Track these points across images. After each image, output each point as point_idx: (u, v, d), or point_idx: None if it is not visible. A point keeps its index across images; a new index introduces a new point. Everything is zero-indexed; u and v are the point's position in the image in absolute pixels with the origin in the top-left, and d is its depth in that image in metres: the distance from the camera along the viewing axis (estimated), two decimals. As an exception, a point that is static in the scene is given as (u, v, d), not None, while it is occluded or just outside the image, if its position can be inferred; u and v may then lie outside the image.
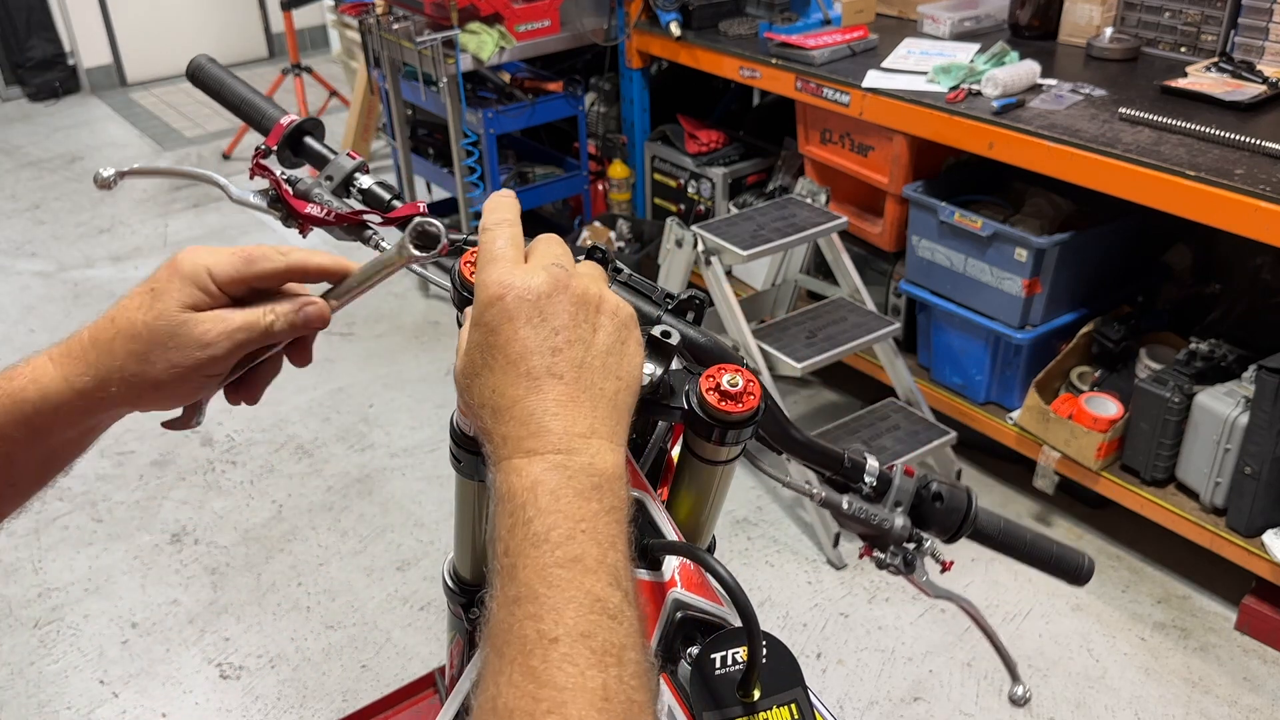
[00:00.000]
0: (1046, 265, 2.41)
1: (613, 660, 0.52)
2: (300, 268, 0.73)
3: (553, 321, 0.61)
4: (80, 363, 0.68)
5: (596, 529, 0.56)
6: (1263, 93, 2.22)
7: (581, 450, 0.58)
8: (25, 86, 6.20)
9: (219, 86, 0.92)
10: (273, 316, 0.70)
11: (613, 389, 0.62)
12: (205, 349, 0.68)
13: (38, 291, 3.97)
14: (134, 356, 0.67)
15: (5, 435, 0.67)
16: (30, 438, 0.68)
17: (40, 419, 0.68)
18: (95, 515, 2.79)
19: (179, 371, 0.67)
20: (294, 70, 4.87)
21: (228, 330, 0.68)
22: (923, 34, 2.87)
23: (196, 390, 0.71)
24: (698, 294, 0.78)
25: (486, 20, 3.15)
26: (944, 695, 2.20)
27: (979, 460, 2.86)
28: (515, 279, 0.61)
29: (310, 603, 2.48)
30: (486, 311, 0.61)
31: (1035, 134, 2.22)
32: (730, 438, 0.73)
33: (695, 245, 2.56)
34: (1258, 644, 2.28)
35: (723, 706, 0.73)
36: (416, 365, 3.42)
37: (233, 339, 0.69)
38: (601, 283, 0.66)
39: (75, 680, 2.30)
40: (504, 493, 0.58)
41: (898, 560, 0.82)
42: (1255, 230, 1.92)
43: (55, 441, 0.70)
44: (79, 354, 0.68)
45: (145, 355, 0.67)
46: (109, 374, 0.67)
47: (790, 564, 2.55)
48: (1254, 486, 2.17)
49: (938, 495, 0.83)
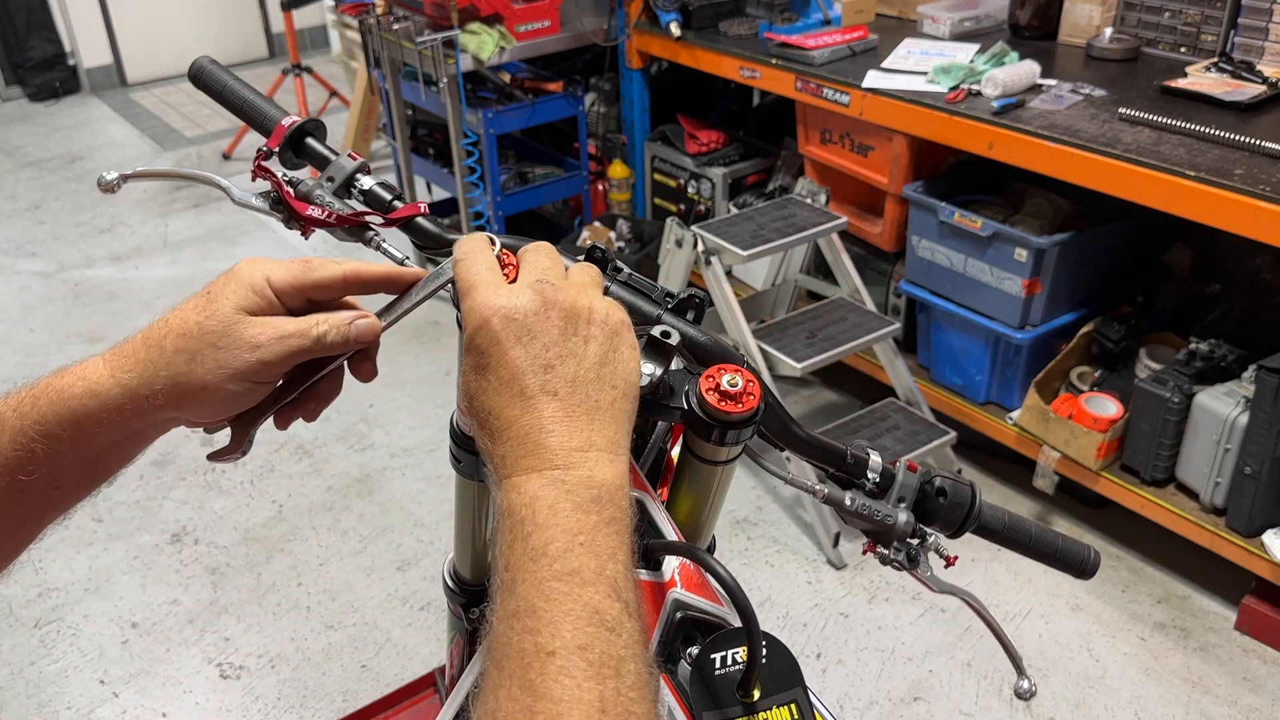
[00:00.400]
0: (1046, 265, 2.41)
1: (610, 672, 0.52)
2: (356, 276, 0.71)
3: (542, 339, 0.61)
4: (130, 360, 0.67)
5: (595, 541, 0.57)
6: (1263, 93, 2.22)
7: (579, 464, 0.59)
8: (25, 86, 6.20)
9: (221, 88, 0.92)
10: (326, 326, 0.69)
11: (609, 399, 0.62)
12: (255, 351, 0.66)
13: (38, 291, 3.97)
14: (183, 354, 0.66)
15: (51, 433, 0.67)
16: (76, 437, 0.67)
17: (87, 417, 0.67)
18: (95, 515, 2.79)
19: (227, 373, 0.66)
20: (294, 70, 4.87)
21: (279, 334, 0.67)
22: (923, 34, 2.87)
23: (243, 399, 0.69)
24: (697, 293, 0.79)
25: (486, 20, 3.15)
26: (944, 695, 2.20)
27: (979, 460, 2.86)
28: (500, 300, 0.62)
29: (310, 603, 2.48)
30: (475, 336, 0.62)
31: (1035, 134, 2.22)
32: (730, 438, 0.73)
33: (695, 245, 2.56)
34: (1258, 644, 2.28)
35: (723, 706, 0.73)
36: (416, 365, 3.42)
37: (285, 344, 0.67)
38: (592, 290, 0.66)
39: (75, 680, 2.30)
40: (505, 510, 0.58)
41: (901, 556, 0.82)
42: (1255, 230, 1.92)
43: (101, 443, 0.69)
44: (129, 352, 0.67)
45: (195, 354, 0.66)
46: (156, 371, 0.66)
47: (790, 564, 2.55)
48: (1254, 486, 2.17)
49: (941, 490, 0.83)
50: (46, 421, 0.66)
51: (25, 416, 0.66)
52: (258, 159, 0.86)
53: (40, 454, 0.67)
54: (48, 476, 0.68)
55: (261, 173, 0.85)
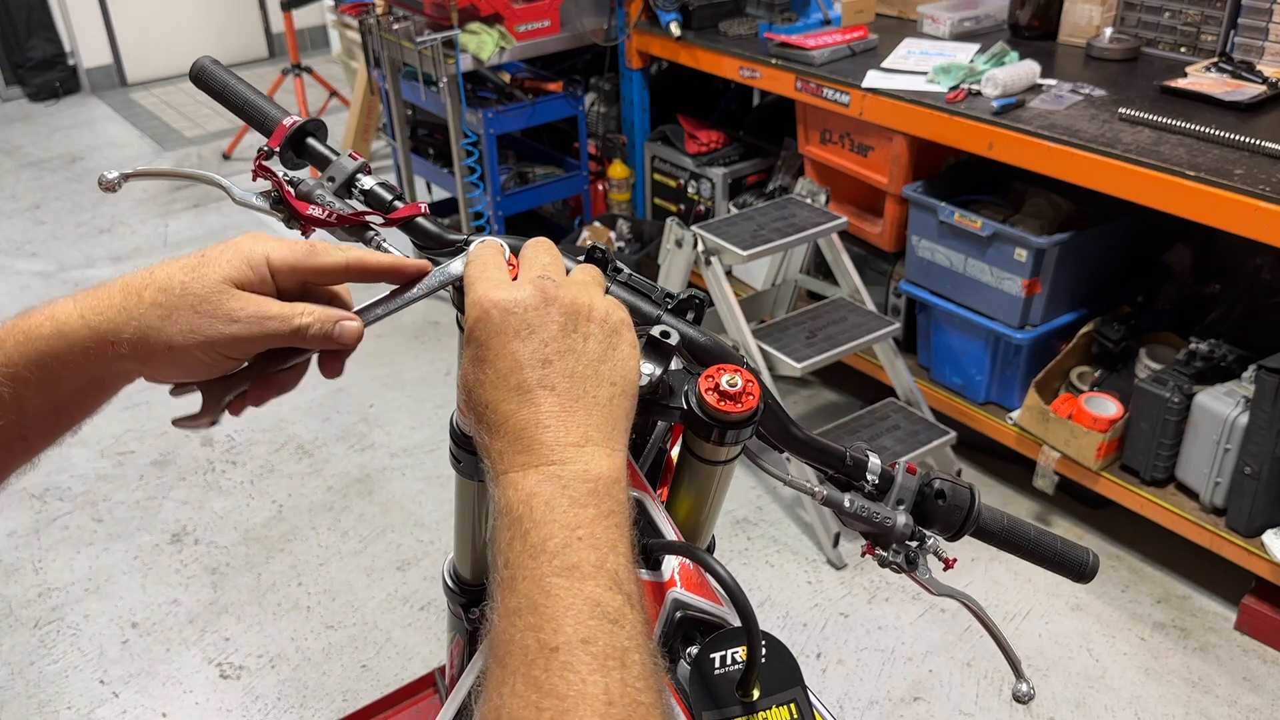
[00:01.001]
0: (1046, 265, 2.41)
1: (615, 664, 0.52)
2: (360, 266, 0.70)
3: (541, 334, 0.61)
4: (102, 303, 0.66)
5: (594, 535, 0.57)
6: (1262, 93, 2.22)
7: (575, 459, 0.59)
8: (25, 86, 6.20)
9: (222, 88, 0.92)
10: (310, 319, 0.67)
11: (606, 395, 0.62)
12: (231, 325, 0.65)
13: (38, 291, 3.96)
14: (158, 309, 0.65)
15: (19, 375, 0.65)
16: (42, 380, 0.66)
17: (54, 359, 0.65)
18: (95, 515, 2.79)
19: (197, 340, 0.65)
20: (294, 70, 4.87)
21: (261, 315, 0.65)
22: (923, 34, 2.87)
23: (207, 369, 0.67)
24: (697, 293, 0.79)
25: (486, 20, 3.15)
26: (944, 695, 2.20)
27: (979, 460, 2.86)
28: (501, 294, 0.62)
29: (310, 603, 2.48)
30: (476, 328, 0.62)
31: (1035, 134, 2.22)
32: (729, 438, 0.73)
33: (695, 245, 2.56)
34: (1257, 644, 2.28)
35: (722, 706, 0.73)
36: (416, 365, 3.42)
37: (263, 325, 0.65)
38: (592, 288, 0.66)
39: (75, 680, 2.30)
40: (502, 506, 0.58)
41: (900, 558, 0.82)
42: (1255, 230, 1.92)
43: (66, 388, 0.67)
44: (104, 296, 0.66)
45: (170, 312, 0.64)
46: (128, 320, 0.65)
47: (790, 564, 2.55)
48: (1254, 486, 2.17)
49: (940, 493, 0.83)
50: (14, 363, 0.65)
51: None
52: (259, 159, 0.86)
53: (6, 398, 0.65)
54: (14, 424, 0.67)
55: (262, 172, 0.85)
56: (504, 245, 0.71)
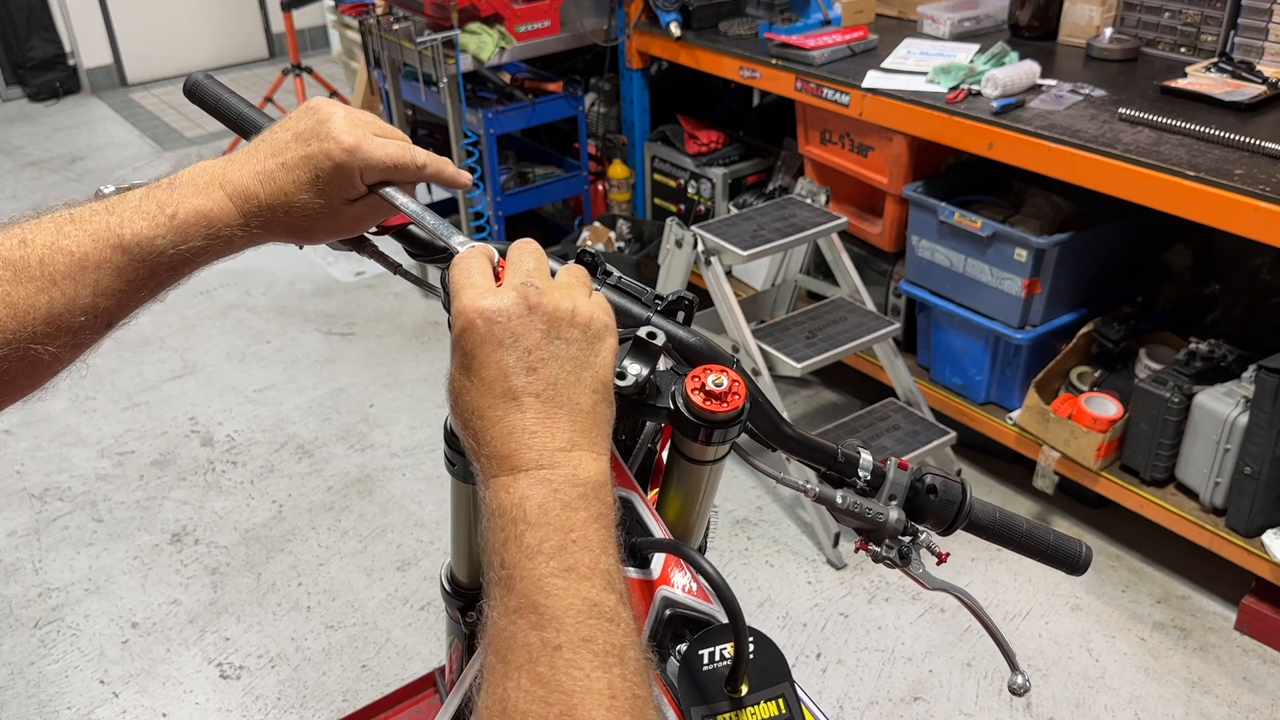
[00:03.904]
0: (1046, 265, 2.41)
1: (614, 660, 0.55)
2: (435, 176, 0.81)
3: (525, 341, 0.63)
4: (261, 217, 0.74)
5: (586, 537, 0.59)
6: (1262, 93, 2.22)
7: (563, 464, 0.61)
8: (25, 86, 6.21)
9: (215, 102, 0.93)
10: (425, 158, 0.79)
11: (590, 401, 0.64)
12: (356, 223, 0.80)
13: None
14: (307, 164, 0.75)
15: (194, 260, 0.73)
16: (190, 267, 0.74)
17: (208, 255, 0.74)
18: (95, 515, 2.79)
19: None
20: (294, 71, 4.88)
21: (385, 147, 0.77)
22: (922, 34, 2.87)
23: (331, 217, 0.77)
24: (687, 295, 0.79)
25: (486, 20, 3.16)
26: (944, 695, 2.19)
27: (979, 460, 2.86)
28: (486, 303, 0.63)
29: (310, 603, 2.48)
30: (461, 337, 0.64)
31: (1035, 134, 2.21)
32: (716, 437, 0.74)
33: (695, 245, 2.56)
34: (1257, 644, 2.28)
35: (710, 701, 0.73)
36: (416, 365, 3.42)
37: (385, 150, 0.76)
38: (576, 291, 0.67)
39: (75, 680, 2.30)
40: (494, 509, 0.60)
41: (893, 553, 0.82)
42: (1255, 230, 1.91)
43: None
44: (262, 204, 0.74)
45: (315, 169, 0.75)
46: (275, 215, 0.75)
47: (790, 564, 2.55)
48: (1254, 486, 2.17)
49: (932, 488, 0.83)
50: (198, 259, 0.73)
51: (178, 245, 0.71)
52: None
53: (165, 283, 0.73)
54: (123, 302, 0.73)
55: None
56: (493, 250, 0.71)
